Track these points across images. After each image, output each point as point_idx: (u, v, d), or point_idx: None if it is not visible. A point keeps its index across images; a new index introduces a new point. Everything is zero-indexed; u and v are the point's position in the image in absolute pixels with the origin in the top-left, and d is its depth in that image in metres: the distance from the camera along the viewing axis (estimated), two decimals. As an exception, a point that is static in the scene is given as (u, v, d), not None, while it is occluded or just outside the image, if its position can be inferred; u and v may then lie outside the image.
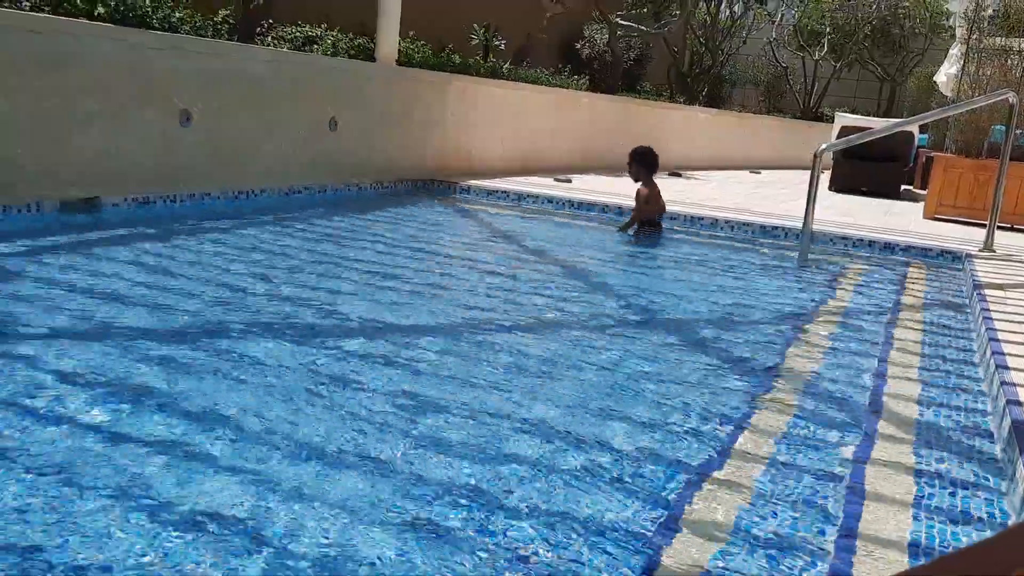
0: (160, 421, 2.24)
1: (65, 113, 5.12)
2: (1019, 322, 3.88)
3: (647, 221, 6.50)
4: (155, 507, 1.79)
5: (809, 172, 5.65)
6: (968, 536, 1.94)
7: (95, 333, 2.98)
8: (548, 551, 1.74)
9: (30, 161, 4.98)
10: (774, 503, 2.04)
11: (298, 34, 8.50)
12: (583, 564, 1.70)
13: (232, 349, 2.92)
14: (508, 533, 1.80)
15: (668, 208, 6.85)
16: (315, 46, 8.31)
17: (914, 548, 1.86)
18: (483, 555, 1.71)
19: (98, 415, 2.25)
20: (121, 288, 3.62)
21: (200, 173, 6.01)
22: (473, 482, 2.03)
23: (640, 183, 6.50)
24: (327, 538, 1.72)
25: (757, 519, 1.95)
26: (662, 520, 1.92)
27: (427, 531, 1.78)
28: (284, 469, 2.02)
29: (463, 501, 1.93)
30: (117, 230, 4.89)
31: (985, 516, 2.05)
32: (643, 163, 6.50)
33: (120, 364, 2.67)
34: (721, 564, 1.74)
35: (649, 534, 1.85)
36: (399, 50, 8.50)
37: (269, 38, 8.21)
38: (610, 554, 1.75)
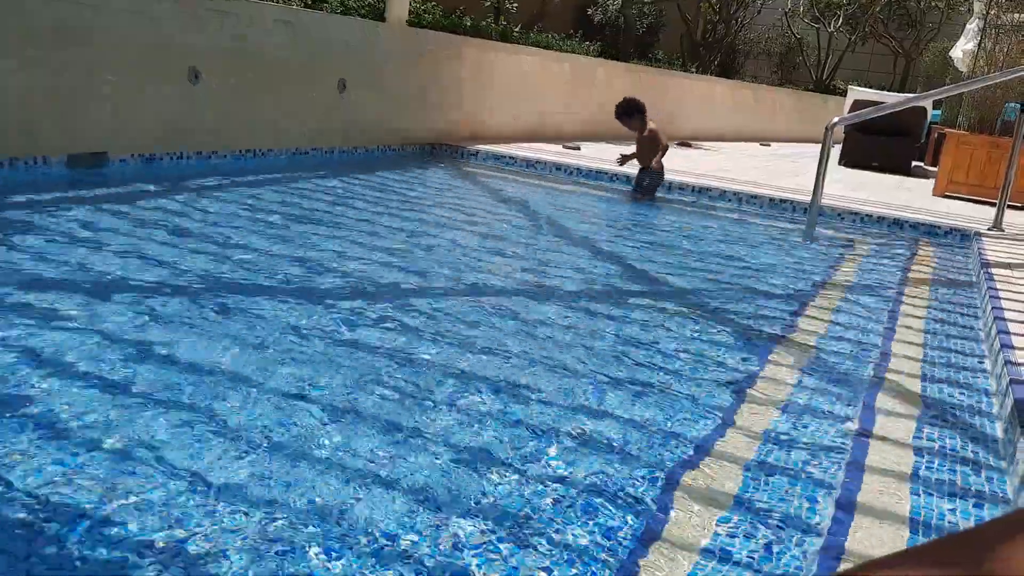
0: (162, 376, 2.25)
1: (77, 71, 5.08)
2: (1026, 302, 3.86)
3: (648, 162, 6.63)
4: (158, 463, 1.80)
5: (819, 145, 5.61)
6: (966, 513, 1.95)
7: (98, 286, 2.99)
8: (547, 516, 1.75)
9: (42, 119, 4.95)
10: (774, 474, 2.05)
11: (308, -8, 8.39)
12: (581, 529, 1.71)
13: (233, 305, 2.92)
14: (508, 496, 1.81)
15: (677, 178, 6.85)
16: (325, 4, 8.22)
17: (913, 523, 1.87)
18: (482, 517, 1.72)
19: (100, 367, 2.26)
20: (123, 243, 3.62)
21: (208, 131, 5.99)
22: (474, 445, 2.04)
23: (647, 130, 6.58)
24: (329, 496, 1.73)
25: (757, 490, 1.96)
26: (662, 487, 1.92)
27: (427, 493, 1.79)
28: (286, 427, 2.03)
29: (464, 463, 1.94)
30: (123, 186, 4.88)
31: (986, 493, 2.05)
32: (628, 114, 6.57)
33: (123, 318, 2.68)
34: (721, 533, 1.75)
35: (650, 501, 1.86)
36: (409, 10, 8.40)
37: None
38: (609, 520, 1.76)
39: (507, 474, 1.92)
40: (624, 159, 6.95)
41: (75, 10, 5.02)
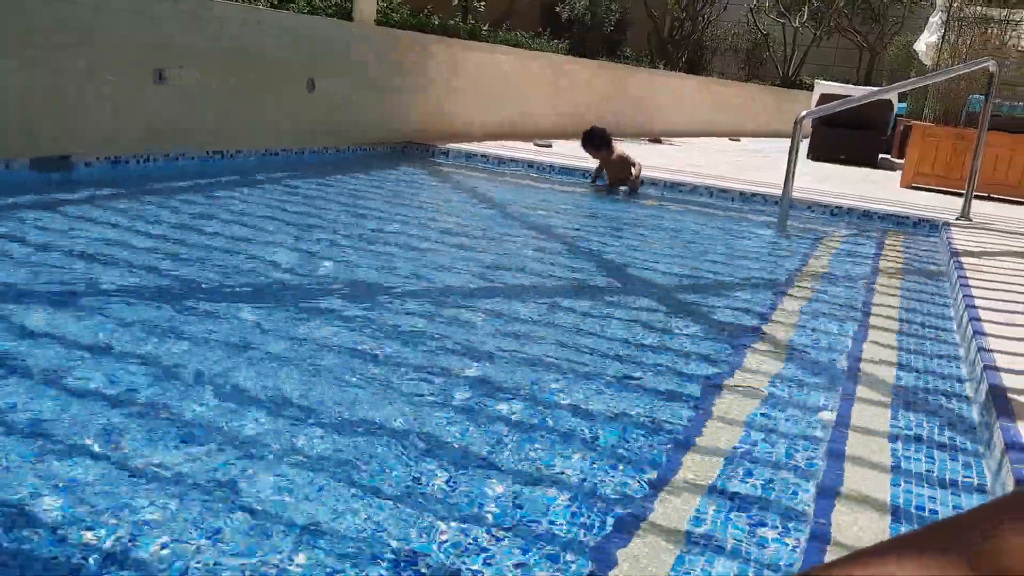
0: (130, 380, 2.21)
1: (42, 71, 4.99)
2: (995, 289, 3.91)
3: (620, 180, 6.86)
4: (130, 468, 1.77)
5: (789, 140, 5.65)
6: (944, 499, 1.96)
7: (65, 292, 2.93)
8: (523, 513, 1.74)
9: (5, 120, 4.87)
10: (754, 466, 2.05)
11: (274, -8, 8.32)
12: (555, 528, 1.70)
13: (204, 308, 2.88)
14: (485, 494, 1.79)
15: (648, 173, 6.93)
16: (291, 4, 8.15)
17: (894, 510, 1.88)
18: (461, 516, 1.70)
19: (70, 374, 2.21)
20: (91, 247, 3.56)
21: (174, 133, 5.90)
22: (449, 442, 2.02)
23: (615, 155, 6.86)
24: (298, 496, 1.71)
25: (737, 481, 1.96)
26: (643, 480, 1.92)
27: (401, 492, 1.77)
28: (258, 429, 2.00)
29: (440, 462, 1.92)
30: (89, 189, 4.80)
31: (962, 479, 2.06)
32: (597, 147, 6.85)
33: (91, 323, 2.63)
34: (704, 524, 1.75)
35: (630, 494, 1.85)
36: (377, 9, 8.35)
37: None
38: (590, 514, 1.74)
39: (485, 471, 1.90)
40: (595, 178, 7.09)
41: (41, 10, 4.93)
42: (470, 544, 1.60)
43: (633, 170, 6.79)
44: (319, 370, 2.42)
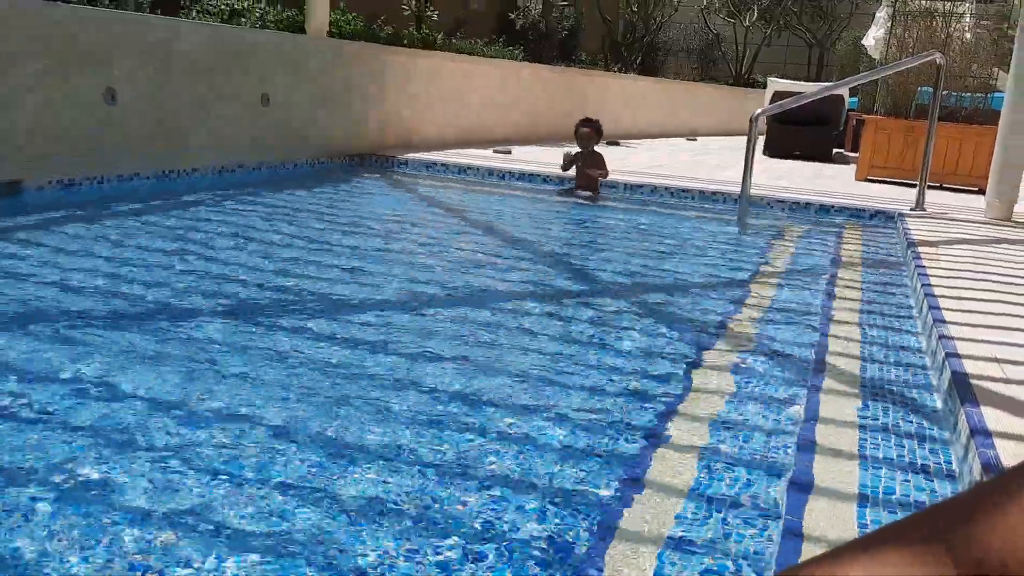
0: (93, 406, 2.16)
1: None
2: (953, 277, 3.97)
3: (588, 184, 6.82)
4: (95, 495, 1.73)
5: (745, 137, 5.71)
6: (918, 485, 1.98)
7: (25, 319, 2.87)
8: (495, 520, 1.72)
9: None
10: (725, 462, 2.06)
11: (224, 6, 8.24)
12: (530, 532, 1.69)
13: (168, 330, 2.83)
14: (457, 502, 1.78)
15: (611, 176, 6.95)
16: (242, 19, 8.08)
17: (863, 499, 1.89)
18: (432, 526, 1.68)
19: (29, 402, 2.16)
20: (51, 273, 3.48)
21: (128, 153, 5.81)
22: (419, 452, 2.00)
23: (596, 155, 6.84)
24: (278, 516, 1.68)
25: (710, 479, 1.96)
26: (615, 485, 1.91)
27: (380, 503, 1.75)
28: (225, 447, 1.96)
29: (409, 472, 1.90)
30: (42, 214, 4.70)
31: (931, 466, 2.09)
32: (598, 131, 6.86)
33: (52, 350, 2.57)
34: (678, 526, 1.75)
35: (605, 499, 1.84)
36: (329, 22, 8.30)
37: (194, 12, 7.96)
38: (568, 518, 1.74)
39: (460, 479, 1.88)
40: (571, 161, 6.93)
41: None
42: (442, 554, 1.59)
43: (600, 174, 6.76)
44: (285, 386, 2.39)
